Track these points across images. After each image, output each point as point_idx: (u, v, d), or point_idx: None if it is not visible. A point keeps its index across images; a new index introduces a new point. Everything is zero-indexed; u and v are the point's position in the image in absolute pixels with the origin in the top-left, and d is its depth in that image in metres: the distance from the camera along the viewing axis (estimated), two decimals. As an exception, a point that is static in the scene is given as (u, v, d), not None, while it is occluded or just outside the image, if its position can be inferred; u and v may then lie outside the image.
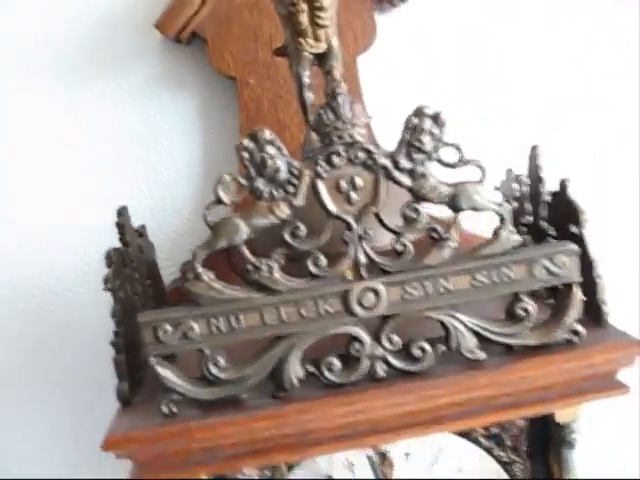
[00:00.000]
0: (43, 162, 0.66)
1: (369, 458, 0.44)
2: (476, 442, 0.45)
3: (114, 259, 0.44)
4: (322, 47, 0.48)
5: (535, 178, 0.46)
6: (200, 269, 0.38)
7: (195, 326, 0.38)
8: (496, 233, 0.39)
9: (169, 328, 0.38)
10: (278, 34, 0.56)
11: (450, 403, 0.40)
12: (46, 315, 0.66)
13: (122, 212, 0.49)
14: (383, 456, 0.44)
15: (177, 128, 0.66)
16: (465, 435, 0.45)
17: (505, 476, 0.46)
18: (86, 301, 0.66)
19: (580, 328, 0.40)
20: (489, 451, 0.46)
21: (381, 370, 0.39)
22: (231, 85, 0.63)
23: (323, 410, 0.39)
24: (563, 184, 0.44)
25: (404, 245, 0.38)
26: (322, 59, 0.49)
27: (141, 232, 0.54)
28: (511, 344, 0.40)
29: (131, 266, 0.47)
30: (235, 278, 0.39)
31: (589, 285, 0.41)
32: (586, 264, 0.41)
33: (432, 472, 0.45)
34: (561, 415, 0.43)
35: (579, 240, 0.41)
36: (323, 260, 0.38)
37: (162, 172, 0.67)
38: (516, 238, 0.39)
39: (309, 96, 0.50)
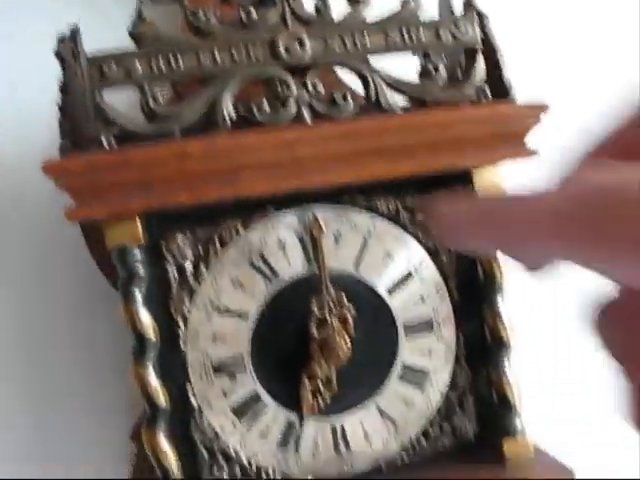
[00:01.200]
0: None
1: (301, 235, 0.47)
2: (404, 227, 0.49)
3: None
4: None
5: None
6: (144, 14, 0.43)
7: (137, 65, 0.43)
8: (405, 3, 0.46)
9: (114, 66, 0.42)
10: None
11: (369, 149, 0.44)
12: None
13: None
14: (315, 218, 0.47)
15: None
16: (393, 219, 0.48)
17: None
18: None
19: (487, 89, 0.46)
20: (416, 237, 0.49)
21: (307, 115, 0.44)
22: None
23: (252, 144, 0.42)
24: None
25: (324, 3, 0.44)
26: None
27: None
28: (424, 98, 0.45)
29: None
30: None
31: (494, 63, 0.47)
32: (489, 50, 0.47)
33: (362, 257, 0.48)
34: (479, 181, 0.47)
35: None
36: (253, 12, 0.44)
37: None
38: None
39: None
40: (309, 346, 0.47)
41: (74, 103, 0.42)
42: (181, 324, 0.46)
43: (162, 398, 0.45)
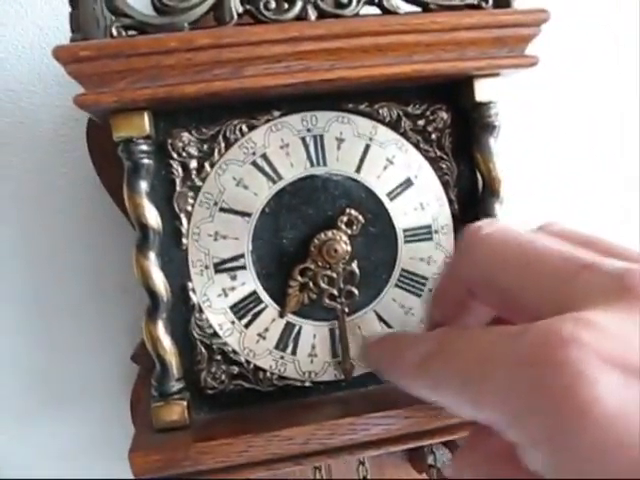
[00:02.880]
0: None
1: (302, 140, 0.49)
2: (404, 135, 0.51)
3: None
4: None
5: None
6: None
7: (148, -41, 0.45)
8: None
9: (125, -39, 0.45)
10: None
11: (370, 47, 0.46)
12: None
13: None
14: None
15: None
16: (394, 127, 0.50)
17: (432, 172, 0.51)
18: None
19: (487, -5, 0.48)
20: (416, 145, 0.51)
21: (311, 13, 0.46)
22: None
23: (257, 38, 0.44)
24: None
25: None
26: None
27: None
28: (427, 2, 0.47)
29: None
30: None
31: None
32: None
33: (363, 161, 0.50)
34: (481, 91, 0.49)
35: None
36: None
37: None
38: None
39: None
40: (309, 245, 0.48)
41: (86, -5, 0.45)
42: (184, 220, 0.48)
43: (163, 289, 0.47)
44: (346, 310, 0.49)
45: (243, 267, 0.49)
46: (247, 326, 0.49)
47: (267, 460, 0.46)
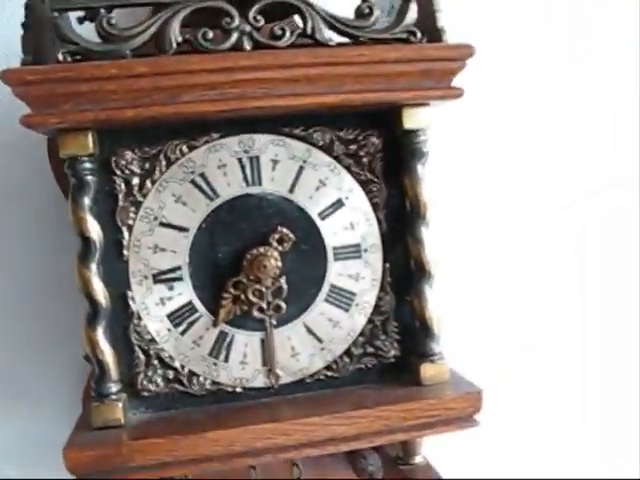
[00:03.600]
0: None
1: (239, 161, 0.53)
2: (336, 158, 0.54)
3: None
4: None
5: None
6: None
7: (94, -11, 0.48)
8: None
9: (72, -12, 0.48)
10: None
11: (301, 77, 0.49)
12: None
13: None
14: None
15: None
16: (327, 150, 0.54)
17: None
18: None
19: (417, 30, 0.51)
20: (348, 168, 0.54)
21: (247, 44, 0.50)
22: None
23: (194, 67, 0.48)
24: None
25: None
26: None
27: None
28: (357, 35, 0.51)
29: None
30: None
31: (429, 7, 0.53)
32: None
33: (297, 182, 0.53)
34: (409, 120, 0.52)
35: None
36: (205, -52, 0.49)
37: None
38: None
39: None
40: (242, 259, 0.52)
41: (36, 22, 0.48)
42: (125, 233, 0.52)
43: (103, 298, 0.51)
44: (274, 322, 0.53)
45: (180, 278, 0.53)
46: (183, 333, 0.53)
47: (194, 459, 0.50)
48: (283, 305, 0.53)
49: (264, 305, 0.52)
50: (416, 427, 0.52)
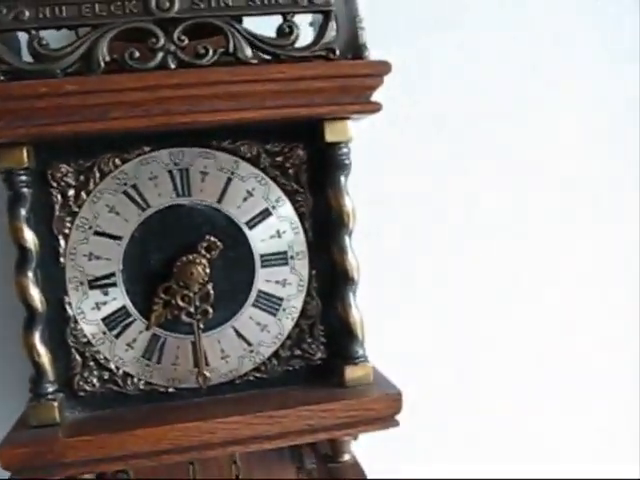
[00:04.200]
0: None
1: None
2: (263, 170, 0.57)
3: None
4: None
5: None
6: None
7: (26, 11, 0.51)
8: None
9: (4, 10, 0.51)
10: None
11: (224, 95, 0.52)
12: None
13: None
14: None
15: None
16: (254, 162, 0.56)
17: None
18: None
19: (335, 48, 0.54)
20: (275, 179, 0.57)
21: (172, 62, 0.52)
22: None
23: (121, 85, 0.51)
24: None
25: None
26: None
27: None
28: (278, 53, 0.53)
29: None
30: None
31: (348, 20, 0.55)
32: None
33: (225, 193, 0.56)
34: (331, 133, 0.55)
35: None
36: (132, -28, 0.52)
37: None
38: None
39: None
40: (172, 266, 0.55)
41: (-29, 42, 0.51)
42: (62, 242, 0.55)
43: (39, 304, 0.54)
44: (201, 326, 0.56)
45: (114, 284, 0.56)
46: (117, 336, 0.56)
47: (123, 456, 0.53)
48: (210, 310, 0.56)
49: (192, 310, 0.55)
50: (337, 427, 0.55)
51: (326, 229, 0.58)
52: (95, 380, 0.57)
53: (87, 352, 0.56)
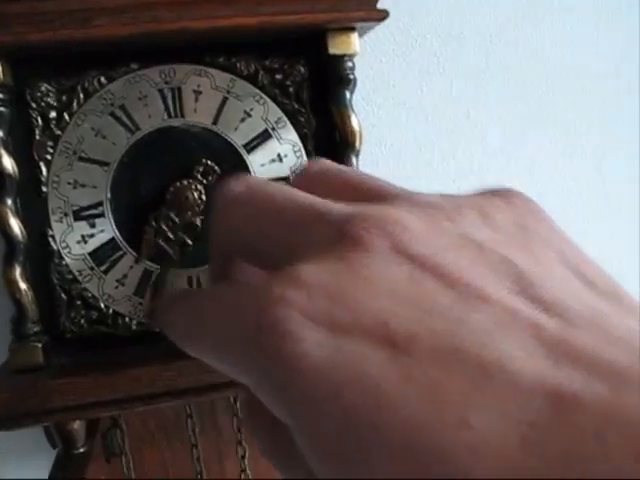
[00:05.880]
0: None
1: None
2: (262, 88, 0.52)
3: None
4: None
5: None
6: None
7: None
8: None
9: None
10: None
11: (220, -1, 0.48)
12: None
13: None
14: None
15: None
16: (252, 80, 0.52)
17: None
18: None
19: (337, -49, 0.50)
20: (274, 99, 0.53)
21: (160, -35, 0.48)
22: None
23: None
24: None
25: None
26: None
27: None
28: (276, -44, 0.49)
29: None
30: None
31: None
32: None
33: (220, 113, 0.51)
34: (334, 45, 0.51)
35: None
36: None
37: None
38: None
39: None
40: (165, 193, 0.50)
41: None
42: (43, 169, 0.50)
43: (20, 235, 0.49)
44: (174, 257, 0.51)
45: (102, 215, 0.51)
46: (106, 272, 0.51)
47: (116, 400, 0.48)
48: (189, 242, 0.51)
49: (171, 236, 0.51)
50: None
51: (331, 151, 0.53)
52: (82, 321, 0.52)
53: (73, 290, 0.51)
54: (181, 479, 0.64)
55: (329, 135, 0.53)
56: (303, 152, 0.53)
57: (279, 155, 0.53)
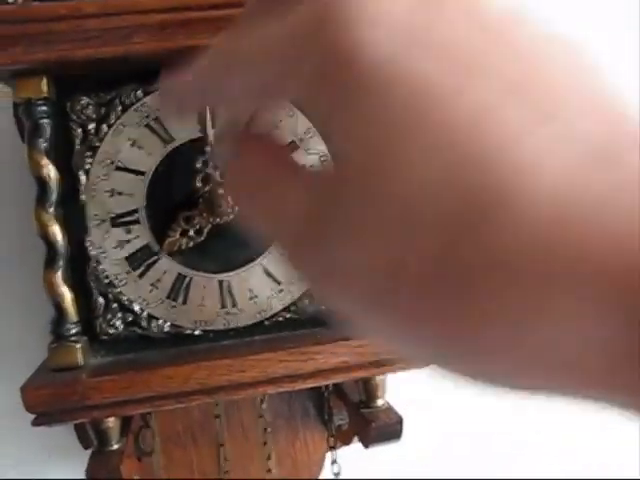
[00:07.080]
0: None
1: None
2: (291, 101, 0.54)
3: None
4: None
5: None
6: None
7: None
8: None
9: (24, -64, 0.50)
10: None
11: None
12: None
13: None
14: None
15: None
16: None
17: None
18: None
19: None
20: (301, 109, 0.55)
21: (195, -15, 0.51)
22: None
23: (143, 6, 0.49)
24: None
25: None
26: None
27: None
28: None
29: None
30: None
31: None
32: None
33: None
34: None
35: None
36: None
37: None
38: None
39: None
40: (198, 199, 0.53)
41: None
42: (82, 178, 0.53)
43: (61, 241, 0.51)
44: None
45: (137, 221, 0.53)
46: (141, 276, 0.54)
47: (150, 397, 0.51)
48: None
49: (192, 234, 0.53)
50: (373, 364, 0.52)
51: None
52: (118, 323, 0.54)
53: (110, 294, 0.54)
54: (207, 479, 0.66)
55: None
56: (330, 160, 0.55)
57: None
